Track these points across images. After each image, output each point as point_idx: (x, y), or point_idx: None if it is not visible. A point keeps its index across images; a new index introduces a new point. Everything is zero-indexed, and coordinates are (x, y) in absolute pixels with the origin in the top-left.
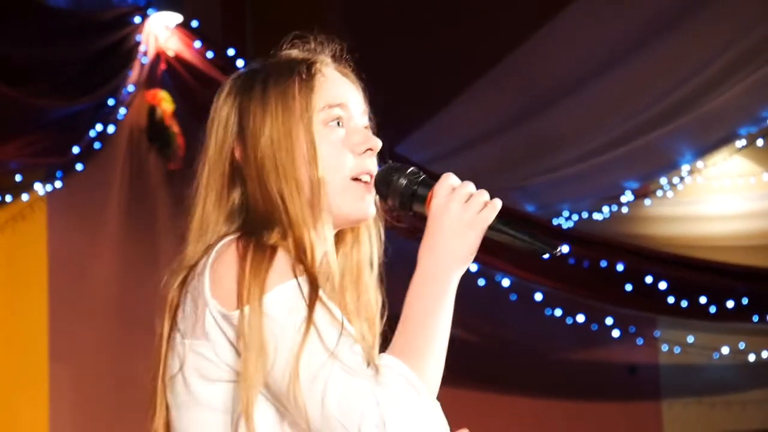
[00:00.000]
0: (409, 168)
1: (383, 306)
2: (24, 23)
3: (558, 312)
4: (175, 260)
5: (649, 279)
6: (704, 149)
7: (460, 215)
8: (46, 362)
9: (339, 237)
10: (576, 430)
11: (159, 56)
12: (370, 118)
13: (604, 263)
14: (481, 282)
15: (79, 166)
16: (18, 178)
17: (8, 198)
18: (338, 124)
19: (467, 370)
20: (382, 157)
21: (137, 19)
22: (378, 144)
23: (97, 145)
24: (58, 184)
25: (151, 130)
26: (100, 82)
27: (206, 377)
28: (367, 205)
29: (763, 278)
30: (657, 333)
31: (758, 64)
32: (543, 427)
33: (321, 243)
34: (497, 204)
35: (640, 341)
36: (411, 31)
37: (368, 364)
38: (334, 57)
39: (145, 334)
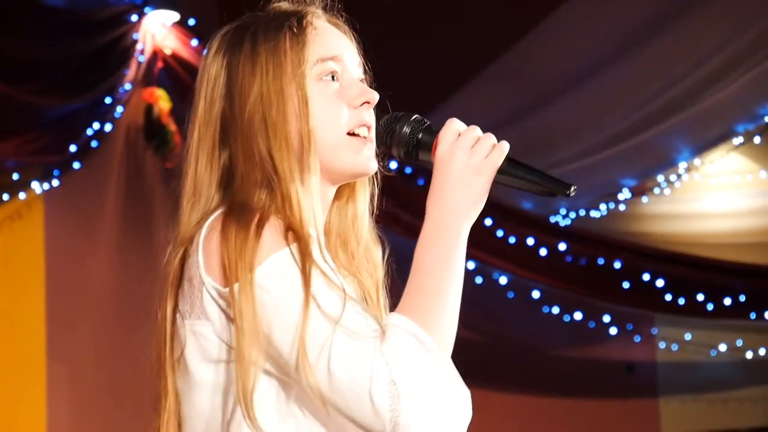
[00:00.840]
0: (412, 115)
1: (383, 252)
2: (21, 22)
3: (555, 309)
4: (172, 232)
5: (646, 276)
6: (701, 146)
7: (467, 161)
8: (44, 360)
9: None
10: (574, 427)
11: (156, 54)
12: (365, 71)
13: (601, 261)
14: (479, 280)
15: (76, 165)
16: (15, 176)
17: (5, 196)
18: (332, 77)
19: (464, 367)
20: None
21: (134, 18)
22: (375, 96)
23: (94, 144)
24: (55, 182)
25: (148, 129)
26: (97, 81)
27: (208, 358)
28: (366, 158)
29: (760, 275)
30: (654, 330)
31: (755, 61)
32: (540, 425)
33: (310, 199)
34: (505, 147)
35: (637, 339)
36: (409, 27)
37: (373, 325)
38: (325, 8)
39: (143, 331)
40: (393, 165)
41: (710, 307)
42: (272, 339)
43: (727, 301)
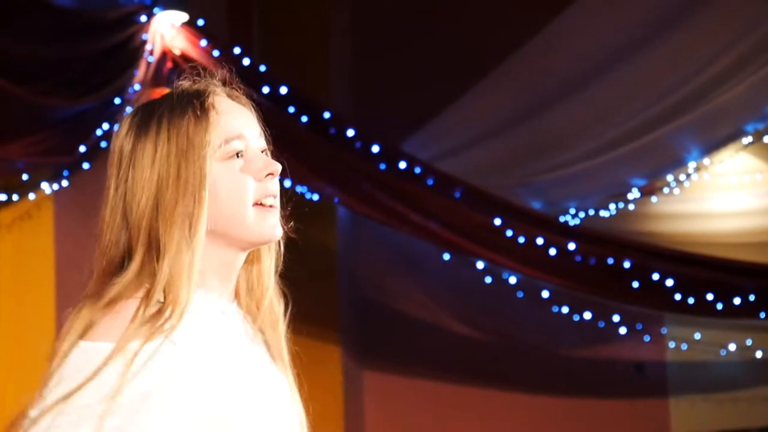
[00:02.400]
0: None
1: (286, 307)
2: (30, 22)
3: (565, 309)
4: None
5: (655, 276)
6: (710, 146)
7: None
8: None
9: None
10: (583, 427)
11: (165, 55)
12: (267, 139)
13: (610, 260)
14: (488, 279)
15: (85, 165)
16: (25, 177)
17: (15, 197)
18: (237, 156)
19: (474, 367)
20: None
21: (143, 18)
22: (278, 167)
23: (103, 144)
24: (64, 182)
25: None
26: (106, 81)
27: None
28: (271, 226)
29: None
30: (664, 330)
31: (764, 60)
32: (550, 424)
33: (203, 278)
34: None
35: (647, 338)
36: (417, 29)
37: None
38: (224, 82)
39: None
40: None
41: (720, 306)
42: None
43: (737, 301)
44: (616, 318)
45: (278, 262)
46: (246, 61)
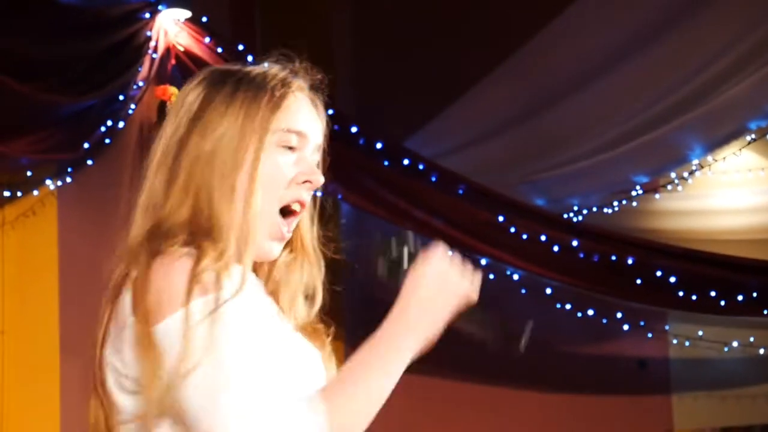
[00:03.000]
0: (406, 241)
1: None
2: (34, 19)
3: (568, 306)
4: (125, 247)
5: (659, 273)
6: (714, 143)
7: (436, 297)
8: (57, 356)
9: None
10: (586, 424)
11: (169, 52)
12: (324, 157)
13: (613, 257)
14: (491, 276)
15: (89, 162)
16: (28, 173)
17: (19, 193)
18: (290, 149)
19: (477, 364)
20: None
21: (147, 15)
22: (320, 180)
23: (107, 141)
24: (68, 179)
25: (160, 126)
26: (110, 78)
27: (125, 389)
28: (273, 247)
29: None
30: (667, 327)
31: (767, 58)
32: (552, 421)
33: (240, 254)
34: (474, 297)
35: (650, 335)
36: (419, 26)
37: (288, 383)
38: (312, 86)
39: None
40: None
41: (723, 303)
42: (184, 380)
43: (740, 298)
44: (619, 315)
45: (320, 280)
46: (250, 58)
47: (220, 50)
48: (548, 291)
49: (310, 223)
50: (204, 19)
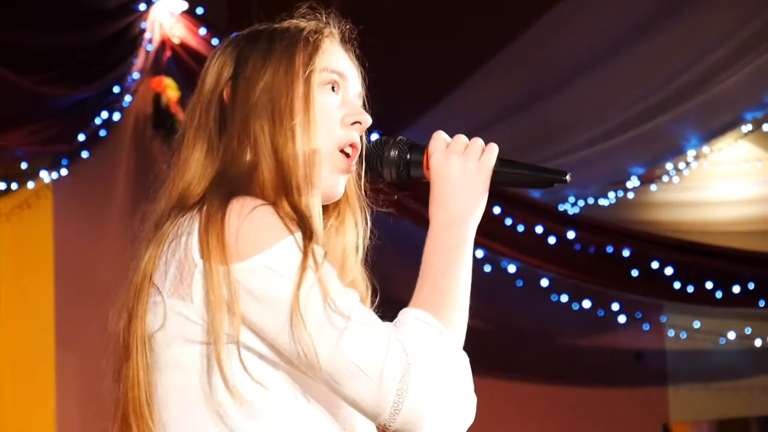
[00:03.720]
0: (397, 137)
1: (373, 293)
2: (29, 11)
3: (564, 298)
4: (154, 203)
5: (655, 264)
6: (710, 134)
7: (463, 165)
8: (53, 349)
9: (323, 219)
10: (582, 416)
11: (164, 43)
12: (364, 104)
13: (610, 249)
14: (488, 268)
15: (84, 154)
16: (24, 165)
17: (14, 186)
18: (333, 89)
19: (473, 356)
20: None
21: (142, 7)
22: (368, 120)
23: (102, 133)
24: (63, 171)
25: (156, 118)
26: (105, 70)
27: (190, 339)
28: (339, 180)
29: None
30: (663, 318)
31: (764, 48)
32: (549, 413)
33: (309, 205)
34: (495, 147)
35: (646, 327)
36: (416, 17)
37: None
38: (342, 37)
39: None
40: None
41: (719, 295)
42: (277, 320)
43: (736, 289)
44: (615, 306)
45: (365, 239)
46: None
47: (215, 42)
48: (544, 283)
49: (356, 179)
50: (199, 11)
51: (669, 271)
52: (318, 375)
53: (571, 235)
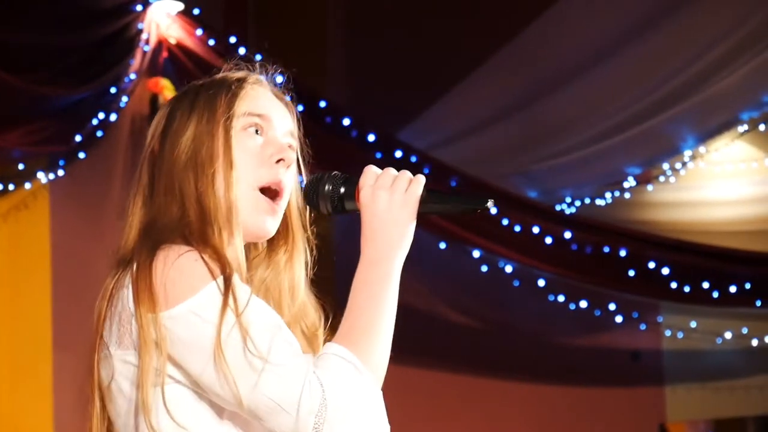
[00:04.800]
0: (331, 173)
1: (325, 319)
2: (26, 11)
3: (561, 298)
4: (114, 262)
5: (651, 264)
6: (706, 134)
7: (390, 198)
8: (50, 351)
9: (271, 255)
10: (579, 415)
11: (161, 44)
12: (300, 146)
13: (606, 249)
14: (484, 268)
15: (81, 155)
16: (20, 166)
17: (11, 186)
18: (256, 132)
19: (470, 355)
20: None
21: (139, 7)
22: (291, 157)
23: (99, 134)
24: (60, 172)
25: (152, 118)
26: (102, 71)
27: (133, 384)
28: (265, 221)
29: (765, 263)
30: (660, 318)
31: (760, 48)
32: (546, 413)
33: (233, 247)
34: (421, 179)
35: (643, 327)
36: (412, 17)
37: (301, 351)
38: (272, 81)
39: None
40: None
41: (716, 294)
42: (202, 362)
43: (733, 289)
44: (612, 306)
45: (309, 270)
46: (241, 51)
47: (211, 42)
48: (541, 283)
49: (299, 214)
50: (196, 11)
51: (665, 271)
52: (242, 411)
53: (567, 235)
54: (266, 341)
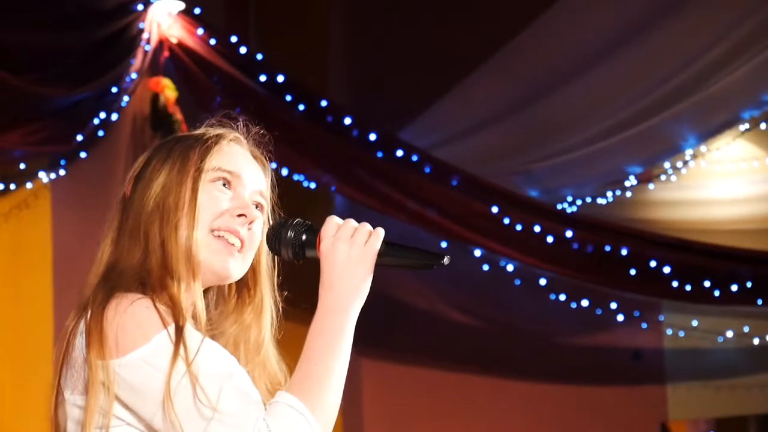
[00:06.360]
0: (294, 220)
1: (288, 374)
2: (27, 11)
3: (562, 297)
4: (78, 304)
5: (653, 263)
6: (707, 133)
7: (348, 250)
8: (51, 349)
9: (238, 310)
10: (581, 414)
11: (162, 44)
12: (272, 207)
13: (608, 248)
14: (485, 267)
15: (82, 154)
16: (22, 166)
17: (12, 186)
18: (224, 185)
19: (472, 355)
20: None
21: (140, 7)
22: (253, 215)
23: (100, 133)
24: (61, 172)
25: (154, 118)
26: (103, 70)
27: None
28: (224, 260)
29: (766, 262)
30: (661, 317)
31: (760, 47)
32: (547, 412)
33: (191, 293)
34: (380, 232)
35: (644, 325)
36: (414, 17)
37: (256, 397)
38: (253, 140)
39: None
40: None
41: (717, 293)
42: (151, 408)
43: (734, 288)
44: (613, 305)
45: (274, 325)
46: (243, 50)
47: (213, 42)
48: (542, 282)
49: (269, 273)
50: (197, 11)
51: (667, 269)
52: None
53: (569, 234)
54: (215, 389)
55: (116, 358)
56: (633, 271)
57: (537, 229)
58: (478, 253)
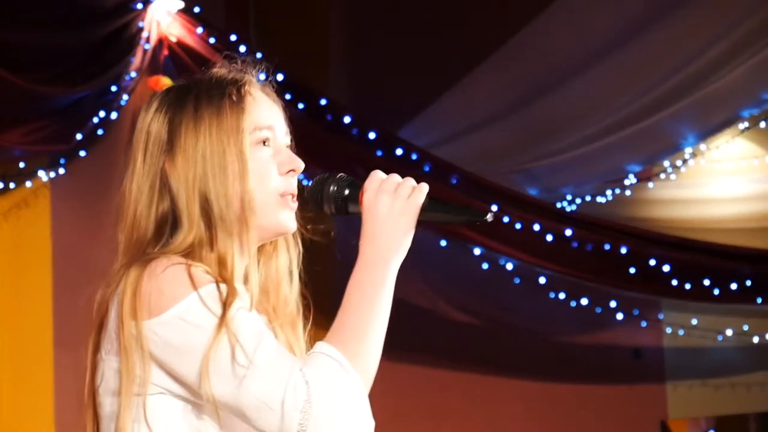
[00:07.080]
0: (337, 174)
1: (307, 309)
2: (27, 10)
3: (562, 295)
4: (110, 272)
5: (652, 262)
6: (707, 132)
7: (392, 203)
8: (51, 348)
9: (259, 248)
10: (580, 413)
11: (161, 42)
12: (291, 138)
13: (607, 246)
14: (485, 266)
15: (82, 153)
16: (22, 165)
17: (12, 185)
18: (264, 143)
19: (471, 353)
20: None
21: (139, 6)
22: (301, 165)
23: (100, 132)
24: (61, 170)
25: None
26: (102, 69)
27: (115, 391)
28: (288, 218)
29: (766, 260)
30: (661, 315)
31: (760, 46)
32: (547, 411)
33: (245, 259)
34: (424, 187)
35: (644, 324)
36: (414, 15)
37: (290, 355)
38: (266, 81)
39: None
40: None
41: (716, 292)
42: (191, 366)
43: (734, 286)
44: (613, 304)
45: (298, 262)
46: (242, 48)
47: (212, 41)
48: (542, 280)
49: None
50: (196, 9)
51: (666, 268)
52: (231, 411)
53: (568, 232)
54: (252, 344)
55: (155, 317)
56: (633, 270)
57: (536, 227)
58: (477, 251)
